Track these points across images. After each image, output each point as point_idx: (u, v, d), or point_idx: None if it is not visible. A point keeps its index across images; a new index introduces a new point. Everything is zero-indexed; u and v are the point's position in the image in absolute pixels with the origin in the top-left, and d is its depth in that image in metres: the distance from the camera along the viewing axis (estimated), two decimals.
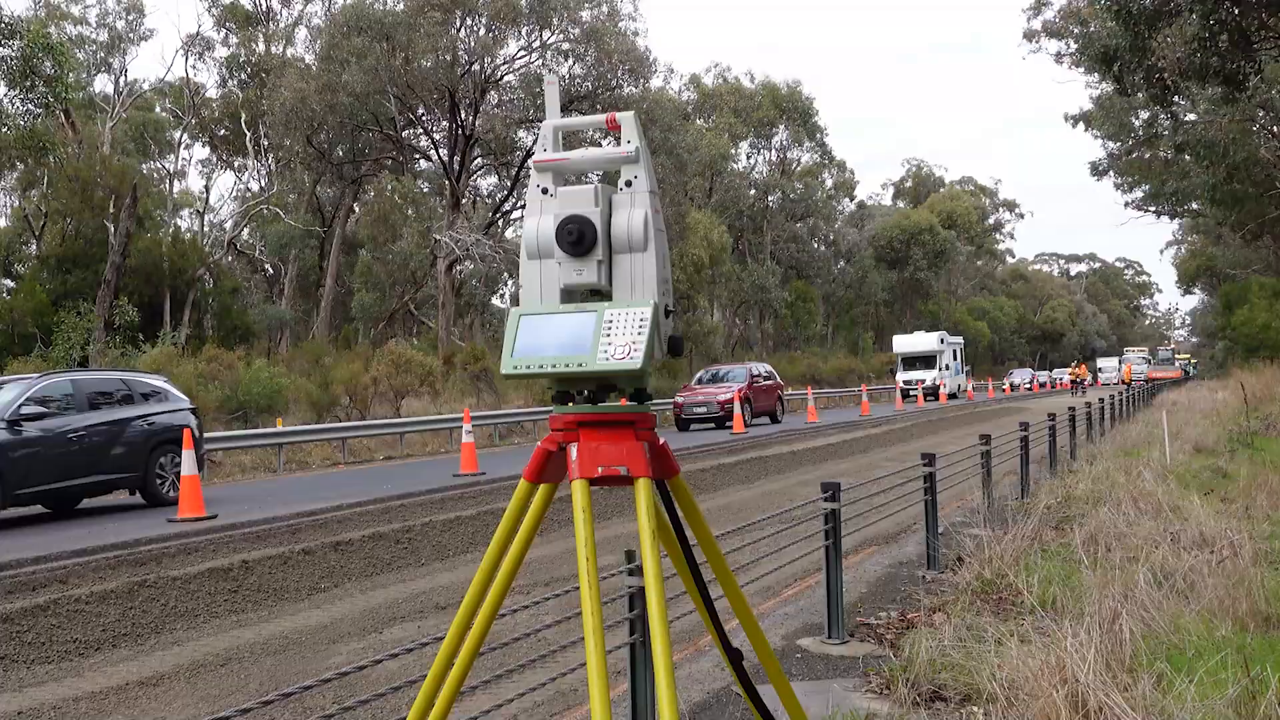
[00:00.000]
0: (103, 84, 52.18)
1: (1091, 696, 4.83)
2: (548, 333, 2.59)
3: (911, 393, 53.30)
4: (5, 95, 27.85)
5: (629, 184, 2.66)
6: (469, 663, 2.62)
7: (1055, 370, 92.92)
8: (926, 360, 57.11)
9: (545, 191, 2.72)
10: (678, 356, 2.73)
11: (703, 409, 31.47)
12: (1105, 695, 4.83)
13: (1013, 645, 5.67)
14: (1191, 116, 29.85)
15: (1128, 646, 5.88)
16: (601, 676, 2.14)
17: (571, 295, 2.70)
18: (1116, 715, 4.73)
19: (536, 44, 44.42)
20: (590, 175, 2.97)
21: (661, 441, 2.68)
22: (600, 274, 2.64)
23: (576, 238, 2.60)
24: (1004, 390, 69.36)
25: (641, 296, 2.60)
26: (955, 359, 60.08)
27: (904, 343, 59.91)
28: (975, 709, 5.27)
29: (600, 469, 2.52)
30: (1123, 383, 65.70)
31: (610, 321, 2.53)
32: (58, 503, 15.39)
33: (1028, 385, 77.10)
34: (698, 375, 35.72)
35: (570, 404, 2.66)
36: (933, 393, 53.34)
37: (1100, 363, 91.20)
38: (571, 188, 2.70)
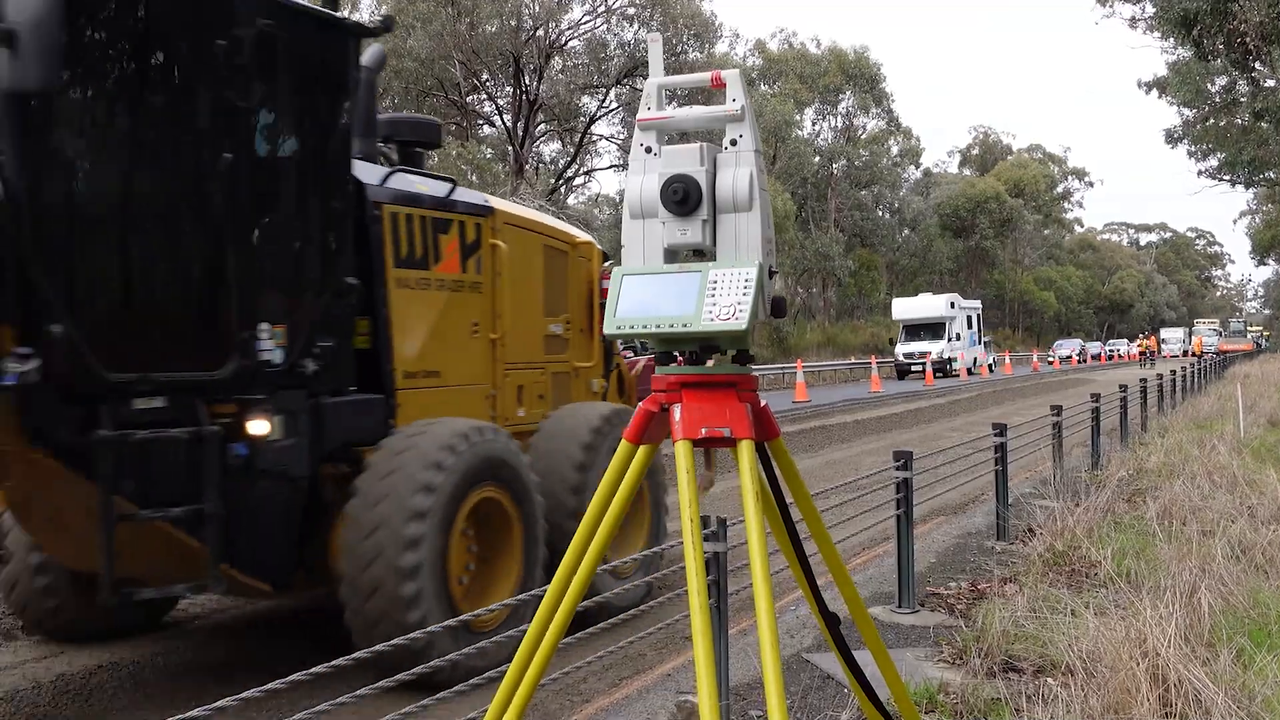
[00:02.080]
0: None
1: (1172, 670, 4.77)
2: (651, 293, 2.58)
3: (915, 369, 44.69)
4: None
5: (734, 143, 2.64)
6: (567, 619, 2.64)
7: (1111, 341, 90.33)
8: (933, 329, 47.95)
9: (649, 150, 2.70)
10: (780, 318, 2.72)
11: None
12: (1186, 669, 4.77)
13: (1089, 617, 5.61)
14: (1271, 83, 29.13)
15: (1206, 621, 5.81)
16: (706, 635, 2.15)
17: (675, 255, 2.69)
18: (1197, 689, 4.67)
19: (601, 8, 44.31)
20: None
21: (763, 404, 2.67)
22: (705, 234, 2.62)
23: (681, 197, 2.59)
24: (1052, 364, 64.23)
25: (746, 256, 2.58)
26: (970, 327, 51.15)
27: (906, 307, 50.29)
28: (1051, 680, 5.22)
29: (703, 430, 2.51)
30: (1192, 354, 64.60)
31: (715, 282, 2.52)
32: None
33: (1079, 358, 72.42)
34: None
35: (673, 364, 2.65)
36: (942, 369, 44.90)
37: (1164, 334, 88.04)
38: (676, 146, 2.68)
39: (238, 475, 5.59)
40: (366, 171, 6.85)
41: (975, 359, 50.77)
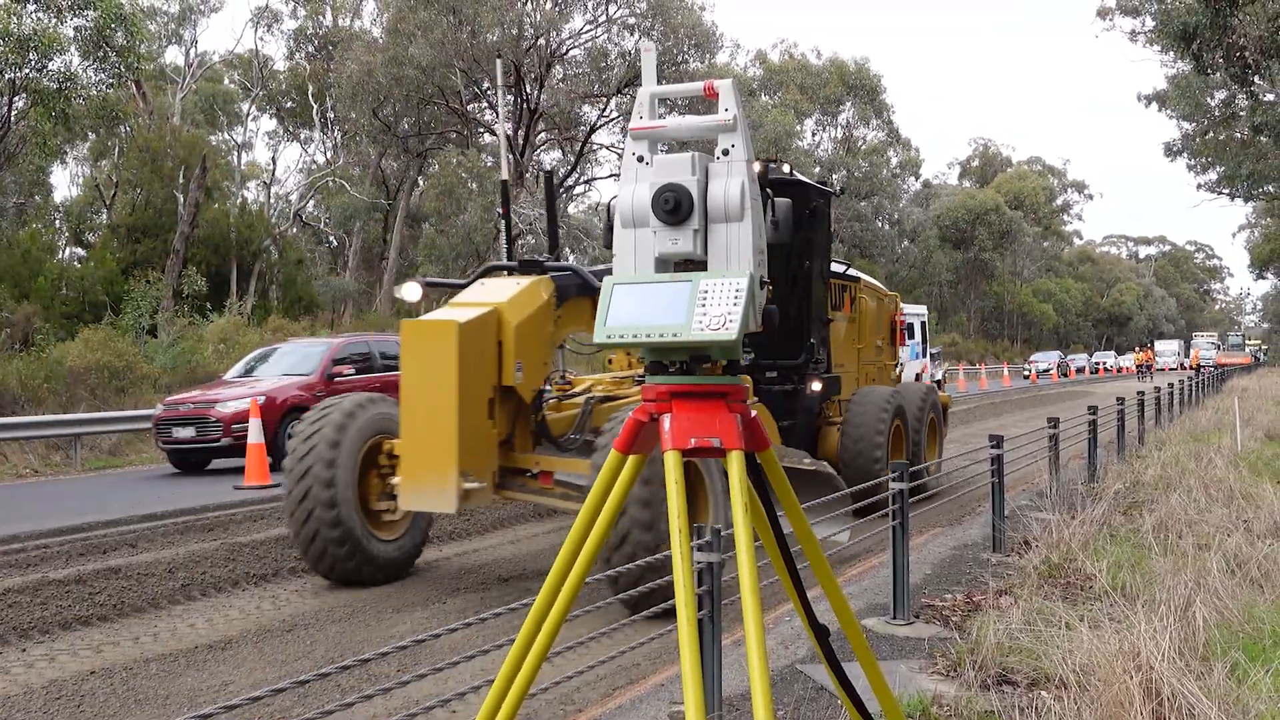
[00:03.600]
0: (173, 55, 52.80)
1: (1166, 684, 4.75)
2: (642, 302, 2.56)
3: None
4: (79, 66, 28.24)
5: (726, 152, 2.63)
6: (555, 629, 2.62)
7: (1097, 354, 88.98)
8: None
9: (641, 159, 2.69)
10: (771, 328, 2.70)
11: (190, 429, 16.44)
12: (1180, 683, 4.75)
13: (1083, 630, 5.59)
14: (1270, 97, 29.19)
15: (1201, 635, 5.79)
16: (693, 647, 2.14)
17: (666, 264, 2.67)
18: (1191, 704, 4.65)
19: (602, 18, 44.34)
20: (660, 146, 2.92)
21: (754, 414, 2.65)
22: (696, 243, 2.61)
23: (673, 206, 2.58)
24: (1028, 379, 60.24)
25: (737, 266, 2.57)
26: (913, 336, 45.24)
27: None
28: (1045, 694, 5.20)
29: (693, 440, 2.49)
30: (1189, 368, 64.36)
31: (706, 292, 2.50)
32: None
33: (1059, 371, 66.65)
34: (246, 360, 19.30)
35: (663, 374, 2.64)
36: None
37: (1159, 346, 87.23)
38: (668, 156, 2.67)
39: (800, 409, 12.03)
40: None
41: (917, 374, 45.06)
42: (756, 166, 10.37)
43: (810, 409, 12.21)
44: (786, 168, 12.20)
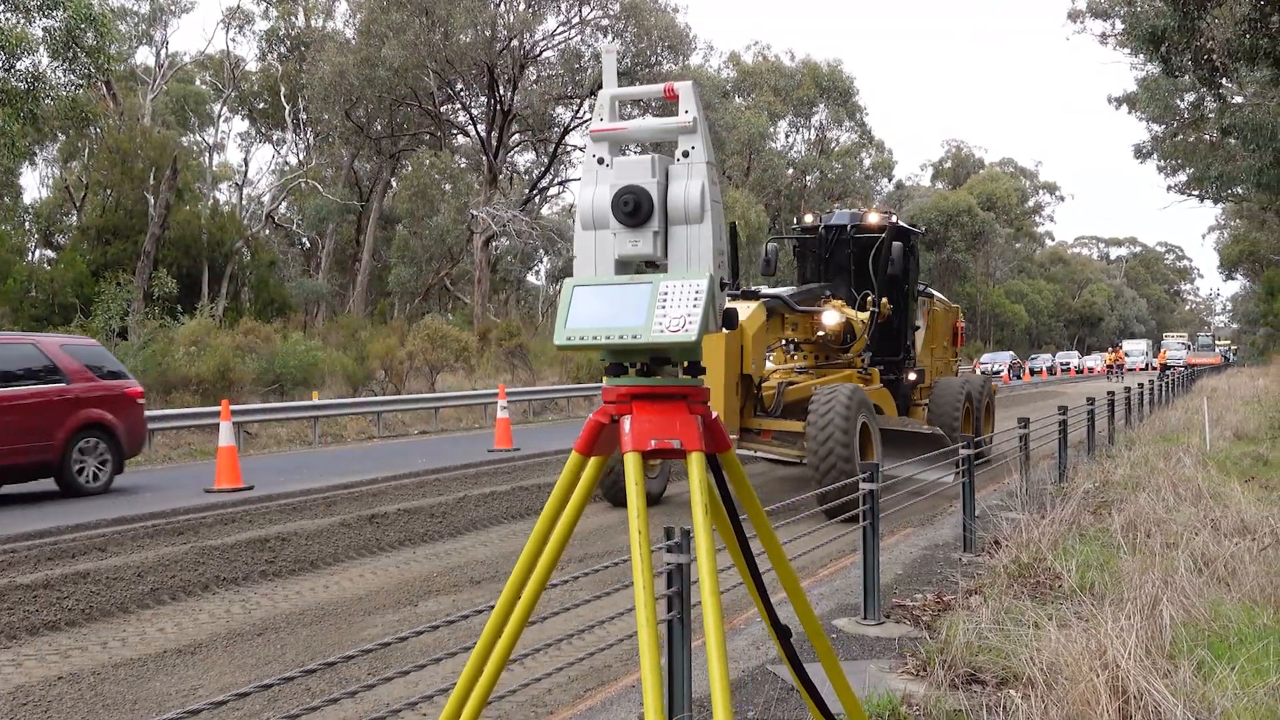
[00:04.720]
0: (144, 56, 52.36)
1: (1132, 682, 4.78)
2: (602, 304, 2.55)
3: None
4: (48, 66, 28.00)
5: (686, 154, 2.62)
6: (517, 633, 2.61)
7: (1061, 354, 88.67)
8: None
9: (601, 161, 2.69)
10: (732, 329, 2.71)
11: None
12: (1146, 681, 4.78)
13: (1051, 629, 5.62)
14: (1239, 99, 29.40)
15: (1168, 633, 5.83)
16: (654, 650, 2.13)
17: (626, 266, 2.67)
18: (1157, 701, 4.68)
19: (576, 20, 44.34)
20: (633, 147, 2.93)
21: (715, 415, 2.65)
22: (656, 245, 2.60)
23: (633, 208, 2.57)
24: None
25: (697, 268, 2.57)
26: None
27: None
28: (1013, 692, 5.23)
29: (653, 442, 2.49)
30: (1155, 368, 64.72)
31: (665, 293, 2.50)
32: None
33: (1011, 373, 62.76)
34: None
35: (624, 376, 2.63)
36: None
37: (1126, 346, 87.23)
38: (628, 158, 2.67)
39: (899, 394, 15.58)
40: None
41: None
42: (874, 217, 15.81)
43: (905, 394, 15.94)
44: (894, 217, 15.72)
